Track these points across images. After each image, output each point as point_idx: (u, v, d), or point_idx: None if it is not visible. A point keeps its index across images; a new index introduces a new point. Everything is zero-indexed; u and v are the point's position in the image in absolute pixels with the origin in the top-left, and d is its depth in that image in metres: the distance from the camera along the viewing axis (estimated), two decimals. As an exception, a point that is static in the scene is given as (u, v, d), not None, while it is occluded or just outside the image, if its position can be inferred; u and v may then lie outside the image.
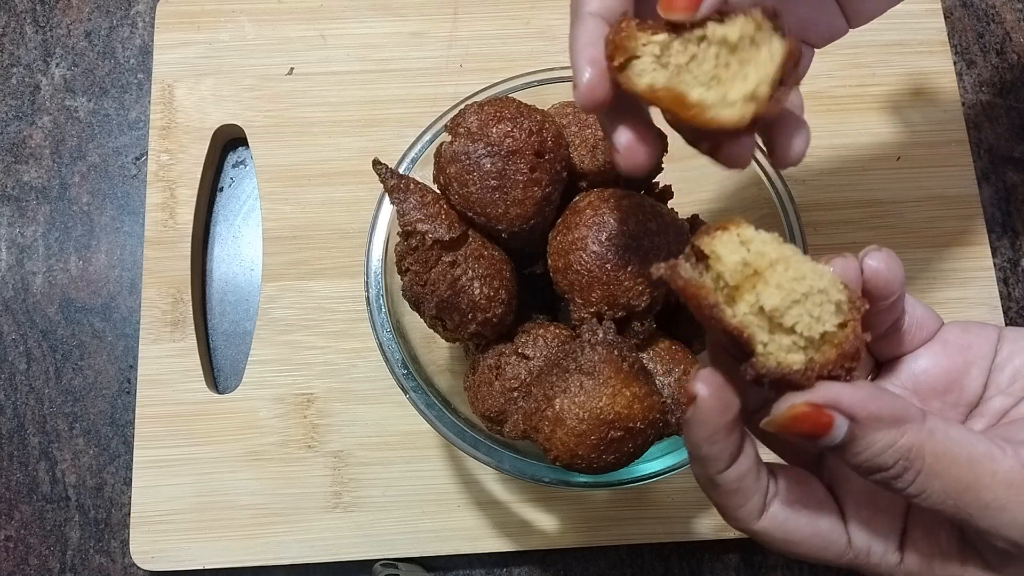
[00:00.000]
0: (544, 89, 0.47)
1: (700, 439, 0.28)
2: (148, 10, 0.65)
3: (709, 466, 0.29)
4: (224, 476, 0.55)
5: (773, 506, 0.29)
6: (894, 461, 0.26)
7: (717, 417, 0.28)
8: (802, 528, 0.29)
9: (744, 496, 0.29)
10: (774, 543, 0.30)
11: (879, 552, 0.29)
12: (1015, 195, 0.62)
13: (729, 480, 0.29)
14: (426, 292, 0.41)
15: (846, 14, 0.37)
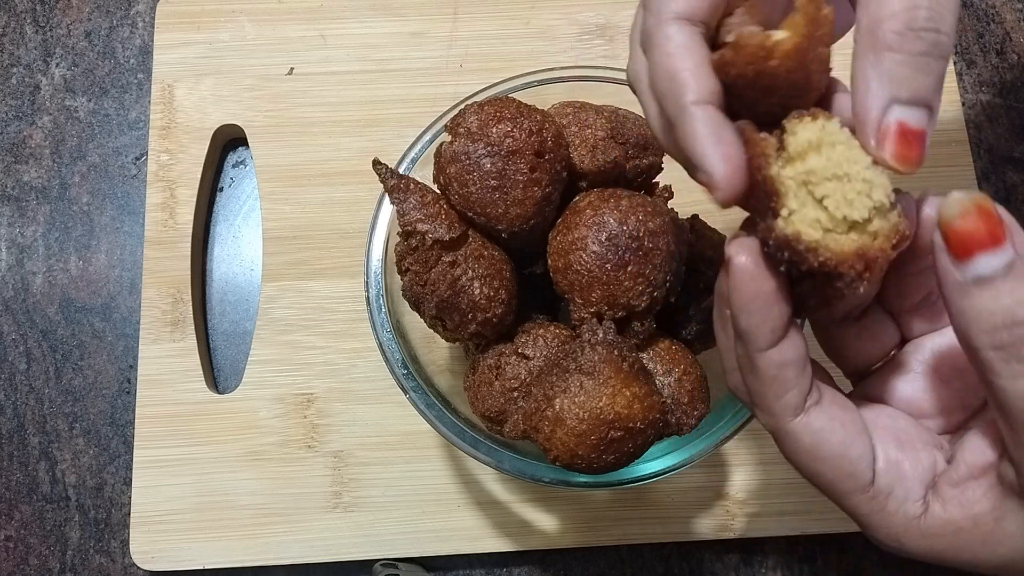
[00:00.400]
0: (544, 89, 0.47)
1: (738, 306, 0.27)
2: (148, 10, 0.65)
3: (750, 341, 0.27)
4: (224, 476, 0.55)
5: (813, 412, 0.28)
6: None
7: (753, 282, 0.27)
8: (834, 445, 0.28)
9: (782, 387, 0.28)
10: (798, 452, 0.28)
11: (900, 497, 0.28)
12: (1015, 195, 0.62)
13: (770, 363, 0.27)
14: (426, 292, 0.41)
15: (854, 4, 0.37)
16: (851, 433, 0.28)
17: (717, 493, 0.55)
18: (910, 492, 0.28)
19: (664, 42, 0.28)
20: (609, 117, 0.44)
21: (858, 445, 0.28)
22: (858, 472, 0.28)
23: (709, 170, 0.27)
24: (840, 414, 0.28)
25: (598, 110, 0.45)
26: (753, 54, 0.26)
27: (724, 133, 0.27)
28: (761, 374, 0.28)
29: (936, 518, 0.27)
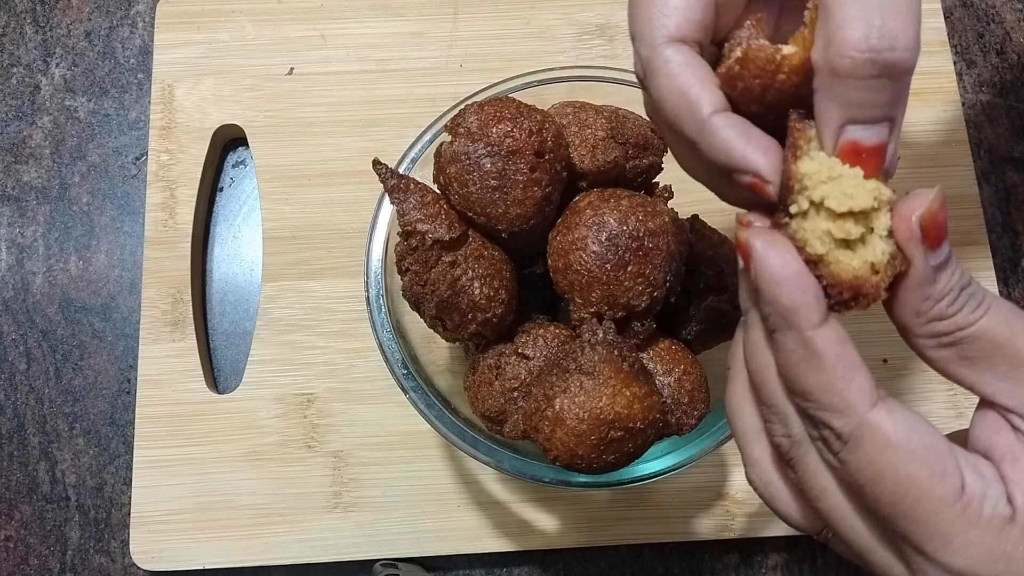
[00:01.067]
0: (544, 89, 0.47)
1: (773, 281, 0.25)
2: (148, 10, 0.65)
3: (800, 321, 0.24)
4: (224, 476, 0.55)
5: (889, 400, 0.25)
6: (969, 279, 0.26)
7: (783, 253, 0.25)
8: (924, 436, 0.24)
9: (852, 366, 0.24)
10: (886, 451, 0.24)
11: (993, 499, 0.24)
12: (1015, 195, 0.62)
13: (828, 340, 0.24)
14: (426, 292, 0.41)
15: None
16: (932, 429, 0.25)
17: (717, 493, 0.55)
18: (998, 494, 0.24)
19: (664, 65, 0.27)
20: (609, 117, 0.44)
21: (943, 440, 0.25)
22: (950, 471, 0.24)
23: (754, 167, 0.26)
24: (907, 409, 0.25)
25: (598, 110, 0.45)
26: (761, 68, 0.26)
27: (752, 130, 0.27)
28: (823, 357, 0.24)
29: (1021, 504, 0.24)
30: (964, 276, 0.26)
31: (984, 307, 0.26)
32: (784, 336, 0.25)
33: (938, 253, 0.25)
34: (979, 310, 0.26)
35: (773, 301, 0.25)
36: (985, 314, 0.26)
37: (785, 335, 0.25)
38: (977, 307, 0.26)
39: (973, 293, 0.26)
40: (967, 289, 0.26)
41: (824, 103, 0.26)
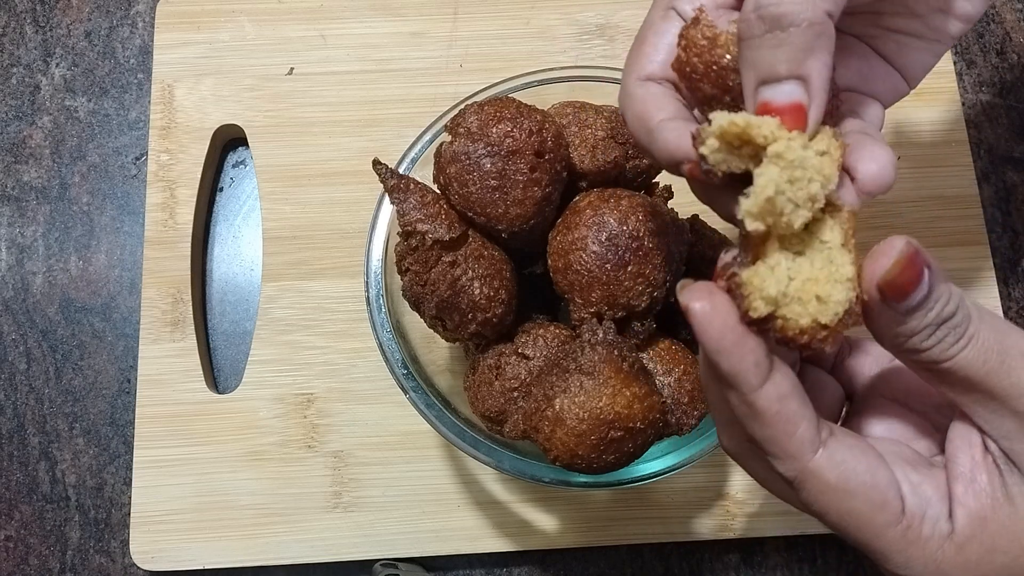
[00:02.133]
0: (544, 89, 0.47)
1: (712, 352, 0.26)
2: (148, 10, 0.65)
3: (739, 383, 0.26)
4: (224, 476, 0.55)
5: (831, 443, 0.27)
6: (955, 308, 0.26)
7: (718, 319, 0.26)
8: (862, 475, 0.26)
9: (791, 422, 0.26)
10: (827, 493, 0.26)
11: (932, 519, 0.27)
12: (1015, 195, 0.62)
13: (768, 399, 0.26)
14: (426, 292, 0.41)
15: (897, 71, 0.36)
16: (873, 460, 0.27)
17: (717, 493, 0.55)
18: (940, 512, 0.27)
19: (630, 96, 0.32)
20: (609, 117, 0.44)
21: (884, 471, 0.27)
22: (889, 500, 0.26)
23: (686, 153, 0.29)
24: (856, 442, 0.27)
25: (598, 110, 0.45)
26: (700, 47, 0.29)
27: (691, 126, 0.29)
28: (764, 415, 0.26)
29: (962, 521, 0.27)
30: (946, 309, 0.26)
31: (965, 341, 0.26)
32: (729, 393, 0.27)
33: (907, 302, 0.26)
34: (958, 345, 0.26)
35: (715, 366, 0.26)
36: (964, 349, 0.26)
37: (730, 393, 0.27)
38: (957, 341, 0.26)
39: (956, 326, 0.26)
40: (949, 323, 0.26)
41: (742, 72, 0.28)
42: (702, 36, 0.29)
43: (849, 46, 0.36)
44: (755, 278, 0.26)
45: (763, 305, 0.26)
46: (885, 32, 0.36)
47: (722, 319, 0.26)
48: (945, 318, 0.26)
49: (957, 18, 0.35)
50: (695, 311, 0.26)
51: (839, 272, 0.26)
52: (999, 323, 0.27)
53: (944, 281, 0.26)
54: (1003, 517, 0.27)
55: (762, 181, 0.26)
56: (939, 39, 0.35)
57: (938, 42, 0.35)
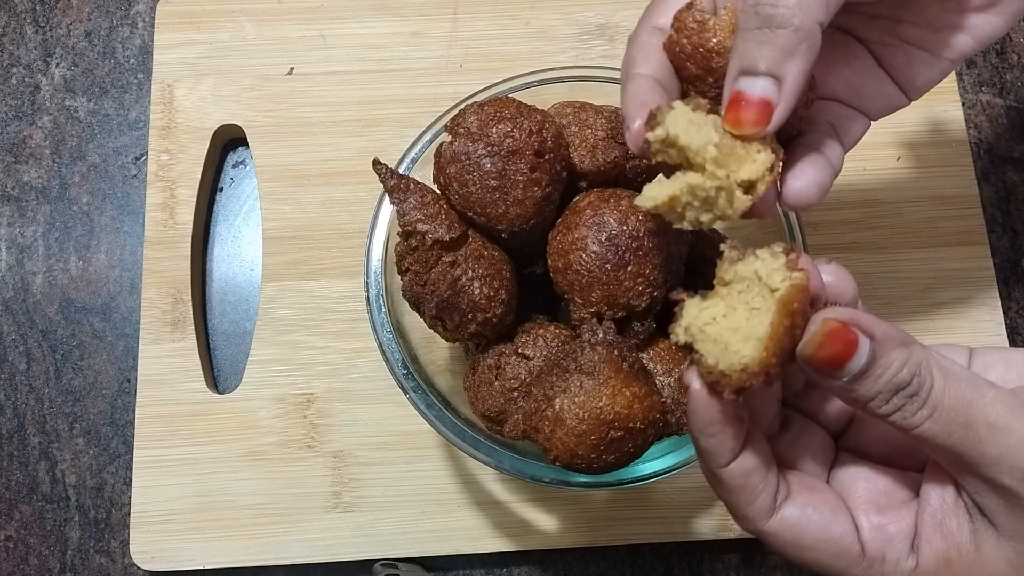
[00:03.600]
0: (544, 89, 0.47)
1: (696, 430, 0.29)
2: (148, 10, 0.65)
3: (710, 459, 0.29)
4: (224, 476, 0.55)
5: (784, 507, 0.29)
6: (911, 376, 0.26)
7: (711, 409, 0.28)
8: (813, 532, 0.29)
9: (750, 494, 0.29)
10: (784, 547, 0.29)
11: (893, 559, 0.29)
12: (1015, 195, 0.62)
13: (733, 475, 0.29)
14: (426, 292, 0.41)
15: (899, 83, 0.37)
16: (827, 514, 0.29)
17: (717, 493, 0.55)
18: (900, 551, 0.29)
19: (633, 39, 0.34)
20: (609, 117, 0.44)
21: (838, 523, 0.29)
22: (845, 548, 0.29)
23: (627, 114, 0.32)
24: (810, 498, 0.30)
25: (598, 110, 0.45)
26: (692, 29, 0.32)
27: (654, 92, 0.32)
28: (727, 486, 0.29)
29: (927, 558, 0.28)
30: (898, 377, 0.27)
31: (927, 411, 0.27)
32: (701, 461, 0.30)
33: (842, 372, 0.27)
34: (919, 415, 0.27)
35: (695, 442, 0.30)
36: (926, 420, 0.27)
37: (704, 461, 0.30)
38: (918, 411, 0.27)
39: (912, 395, 0.27)
40: (904, 391, 0.27)
41: (730, 59, 0.30)
42: (693, 19, 0.32)
43: (850, 55, 0.37)
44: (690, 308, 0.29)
45: (682, 333, 0.29)
46: (897, 42, 0.36)
47: (713, 408, 0.28)
48: (898, 385, 0.27)
49: (973, 38, 0.35)
50: (694, 395, 0.29)
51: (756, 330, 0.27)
52: (965, 389, 0.27)
53: (897, 348, 0.27)
54: (968, 563, 0.28)
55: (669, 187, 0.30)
56: (949, 56, 0.36)
57: (947, 59, 0.36)
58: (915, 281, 0.59)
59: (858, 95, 0.37)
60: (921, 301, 0.58)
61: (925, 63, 0.36)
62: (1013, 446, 0.26)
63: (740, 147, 0.31)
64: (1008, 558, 0.27)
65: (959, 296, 0.58)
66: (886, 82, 0.37)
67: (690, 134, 0.30)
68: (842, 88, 0.37)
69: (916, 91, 0.37)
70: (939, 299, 0.58)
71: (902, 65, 0.37)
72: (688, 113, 0.30)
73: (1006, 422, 0.26)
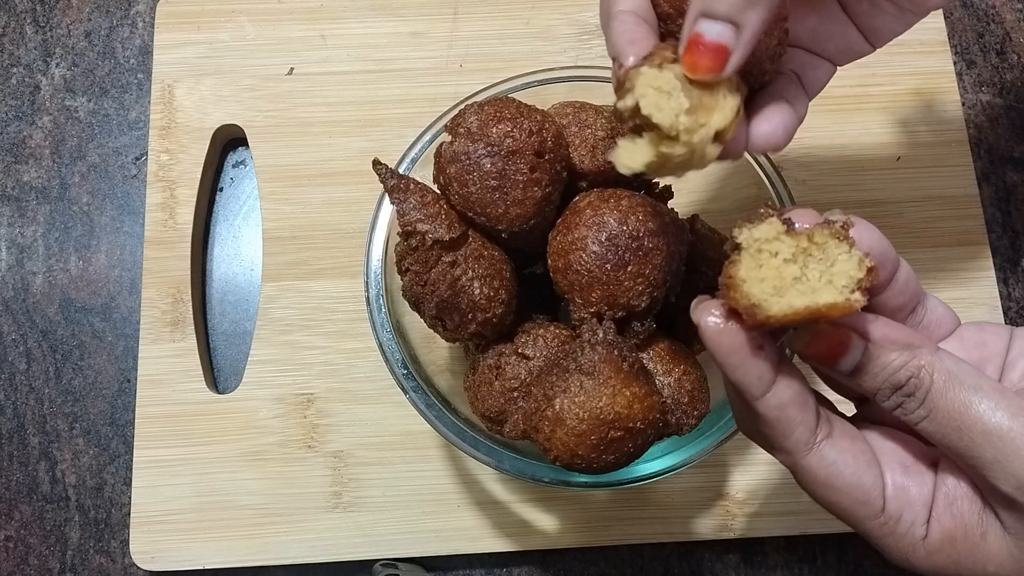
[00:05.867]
0: (544, 89, 0.47)
1: (720, 362, 0.29)
2: (148, 10, 0.65)
3: (744, 391, 0.29)
4: (224, 476, 0.55)
5: (824, 446, 0.30)
6: (907, 378, 0.28)
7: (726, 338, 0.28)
8: (847, 475, 0.29)
9: (788, 426, 0.29)
10: (815, 484, 0.30)
11: (908, 521, 0.29)
12: (1015, 195, 0.62)
13: (769, 407, 0.29)
14: (426, 292, 0.40)
15: (862, 31, 0.37)
16: (862, 463, 0.30)
17: (717, 493, 0.55)
18: (917, 516, 0.29)
19: None
20: (609, 117, 0.44)
21: (869, 474, 0.30)
22: (871, 500, 0.29)
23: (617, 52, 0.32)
24: (850, 445, 0.30)
25: (598, 110, 0.45)
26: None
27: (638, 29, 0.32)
28: (764, 419, 0.29)
29: (935, 532, 0.29)
30: (894, 377, 0.28)
31: (924, 411, 0.28)
32: (740, 396, 0.30)
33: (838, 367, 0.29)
34: (917, 413, 0.28)
35: (726, 376, 0.29)
36: (923, 420, 0.28)
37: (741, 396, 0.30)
38: (916, 409, 0.28)
39: (909, 395, 0.28)
40: (901, 391, 0.28)
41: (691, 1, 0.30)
42: None
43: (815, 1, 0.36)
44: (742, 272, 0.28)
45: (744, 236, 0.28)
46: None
47: (731, 337, 0.28)
48: (895, 385, 0.28)
49: None
50: (706, 328, 0.28)
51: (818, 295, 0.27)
52: (964, 394, 0.28)
53: (899, 350, 0.28)
54: (972, 546, 0.29)
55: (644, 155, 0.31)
56: (913, 9, 0.36)
57: (911, 12, 0.36)
58: (915, 281, 0.59)
59: (822, 42, 0.37)
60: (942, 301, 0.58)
61: (887, 14, 0.37)
62: (1009, 453, 0.27)
63: (708, 96, 0.31)
64: (1010, 551, 0.28)
65: (959, 296, 0.58)
66: (851, 29, 0.37)
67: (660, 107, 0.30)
68: (806, 35, 0.37)
69: (879, 40, 0.38)
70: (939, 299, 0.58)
71: (865, 13, 0.37)
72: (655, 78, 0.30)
73: (1003, 429, 0.27)
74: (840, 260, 0.28)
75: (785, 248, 0.28)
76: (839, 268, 0.28)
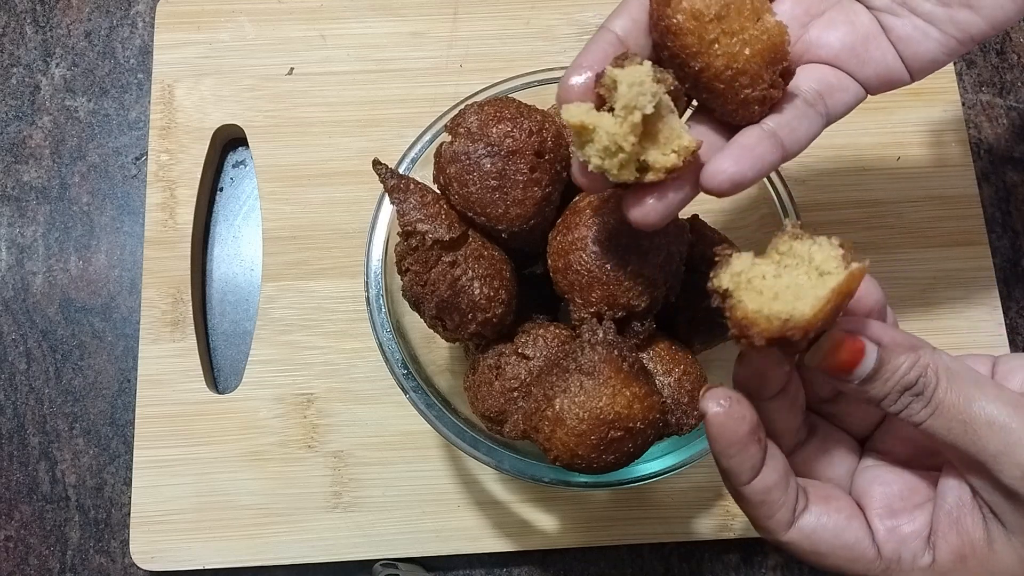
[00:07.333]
0: (544, 89, 0.47)
1: (717, 452, 0.30)
2: (148, 10, 0.65)
3: (732, 478, 0.31)
4: (224, 476, 0.55)
5: (802, 518, 0.31)
6: (917, 377, 0.28)
7: (728, 431, 0.30)
8: (829, 540, 0.31)
9: (771, 508, 0.31)
10: (804, 554, 0.31)
11: (909, 558, 0.30)
12: (1015, 195, 0.62)
13: (755, 492, 0.30)
14: (426, 292, 0.41)
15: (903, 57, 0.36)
16: (841, 521, 0.31)
17: (717, 493, 0.55)
18: (915, 549, 0.30)
19: None
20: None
21: (851, 530, 0.31)
22: (860, 553, 0.30)
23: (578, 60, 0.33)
24: (827, 508, 0.31)
25: (598, 110, 0.45)
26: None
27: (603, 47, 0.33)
28: (749, 501, 0.31)
29: (944, 554, 0.30)
30: (905, 378, 0.29)
31: (930, 408, 0.29)
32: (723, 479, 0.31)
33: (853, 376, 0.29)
34: (924, 412, 0.29)
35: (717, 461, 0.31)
36: (929, 417, 0.29)
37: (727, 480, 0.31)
38: (923, 408, 0.29)
39: (918, 394, 0.29)
40: (911, 390, 0.29)
41: None
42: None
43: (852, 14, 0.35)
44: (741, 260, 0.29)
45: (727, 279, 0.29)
46: (907, 12, 0.35)
47: (732, 430, 0.30)
48: (906, 386, 0.29)
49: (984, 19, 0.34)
50: (711, 418, 0.30)
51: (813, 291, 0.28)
52: (967, 388, 0.29)
53: (906, 352, 0.29)
54: (982, 559, 0.29)
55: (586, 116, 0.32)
56: (957, 36, 0.35)
57: (955, 39, 0.35)
58: (915, 281, 0.59)
59: (858, 59, 0.35)
60: (921, 301, 0.58)
61: (930, 39, 0.35)
62: (1012, 444, 0.27)
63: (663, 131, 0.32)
64: (1019, 554, 0.29)
65: (959, 296, 0.58)
66: (889, 52, 0.35)
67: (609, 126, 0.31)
68: (840, 48, 0.35)
69: (919, 69, 0.36)
70: (939, 299, 0.58)
71: (908, 37, 0.35)
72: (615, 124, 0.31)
73: (1005, 421, 0.28)
74: (815, 251, 0.28)
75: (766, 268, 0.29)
76: (821, 256, 0.28)
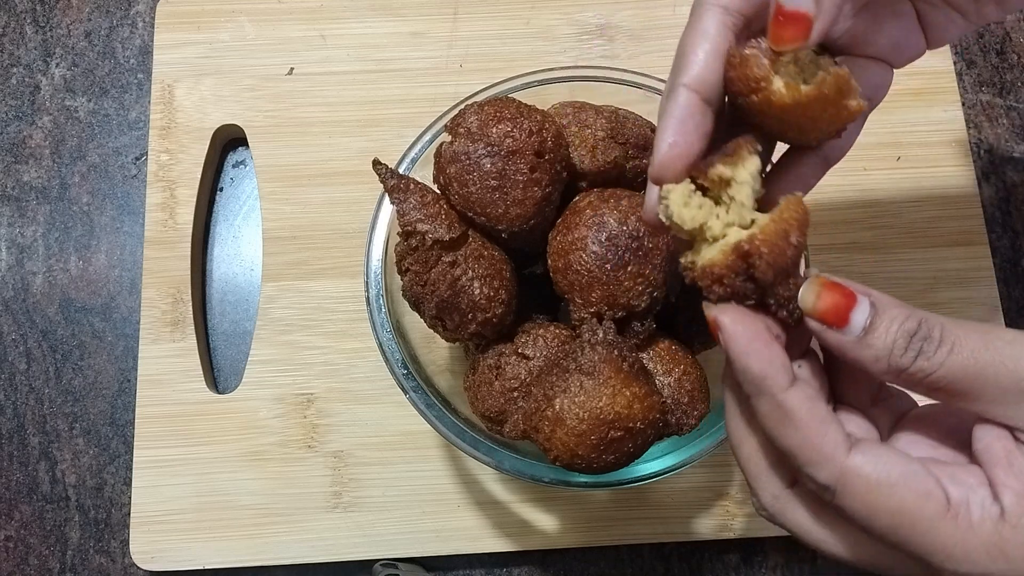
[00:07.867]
0: (544, 89, 0.47)
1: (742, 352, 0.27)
2: (148, 10, 0.65)
3: (772, 385, 0.27)
4: (224, 476, 0.55)
5: (863, 442, 0.27)
6: (918, 322, 0.26)
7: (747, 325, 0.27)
8: (901, 466, 0.26)
9: (824, 421, 0.26)
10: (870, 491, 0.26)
11: (979, 502, 0.26)
12: (1015, 195, 0.62)
13: (799, 399, 0.26)
14: (426, 292, 0.41)
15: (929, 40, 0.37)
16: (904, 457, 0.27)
17: (717, 493, 0.55)
18: (984, 495, 0.26)
19: (693, 21, 0.30)
20: (609, 117, 0.44)
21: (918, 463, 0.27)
22: (932, 489, 0.26)
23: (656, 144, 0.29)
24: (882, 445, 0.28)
25: (598, 110, 0.45)
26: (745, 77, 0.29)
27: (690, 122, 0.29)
28: (796, 415, 0.26)
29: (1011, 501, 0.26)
30: (906, 325, 0.27)
31: (947, 347, 0.26)
32: (759, 401, 0.27)
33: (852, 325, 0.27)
34: (939, 353, 0.26)
35: (745, 370, 0.27)
36: (950, 354, 0.26)
37: (760, 400, 0.27)
38: (936, 351, 0.26)
39: (926, 337, 0.27)
40: (918, 334, 0.27)
41: None
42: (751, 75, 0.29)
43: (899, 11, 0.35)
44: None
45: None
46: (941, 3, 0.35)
47: (750, 328, 0.27)
48: (910, 332, 0.26)
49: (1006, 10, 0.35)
50: (724, 322, 0.27)
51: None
52: (977, 324, 0.27)
53: (898, 307, 0.27)
54: None
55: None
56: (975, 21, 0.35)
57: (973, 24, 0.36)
58: (915, 281, 0.59)
59: (899, 52, 0.36)
60: (921, 301, 0.58)
61: (955, 24, 0.36)
62: None
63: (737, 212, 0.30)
64: None
65: (959, 296, 0.58)
66: (920, 38, 0.36)
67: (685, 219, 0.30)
68: (887, 46, 0.36)
69: (938, 43, 0.37)
70: (939, 299, 0.58)
71: (939, 24, 0.36)
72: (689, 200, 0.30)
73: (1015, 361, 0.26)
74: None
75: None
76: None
